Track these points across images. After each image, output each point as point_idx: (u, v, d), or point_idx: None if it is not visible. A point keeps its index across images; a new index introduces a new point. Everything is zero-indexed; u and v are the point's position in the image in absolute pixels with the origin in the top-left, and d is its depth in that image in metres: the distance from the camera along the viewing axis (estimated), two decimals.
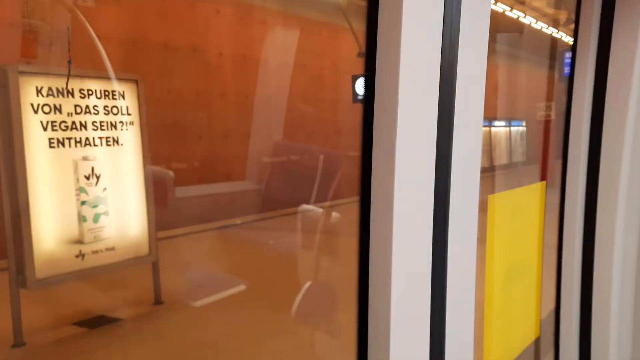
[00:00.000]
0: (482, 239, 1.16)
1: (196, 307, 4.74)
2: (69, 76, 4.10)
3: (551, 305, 2.11)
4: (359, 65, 9.37)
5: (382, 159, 0.91)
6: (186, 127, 8.44)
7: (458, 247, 1.05)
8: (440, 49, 0.95)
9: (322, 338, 4.23)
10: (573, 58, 1.94)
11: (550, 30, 11.10)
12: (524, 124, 12.07)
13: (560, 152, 2.26)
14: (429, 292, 1.00)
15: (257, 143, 9.07)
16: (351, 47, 9.62)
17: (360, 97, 8.68)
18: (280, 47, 9.91)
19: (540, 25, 11.04)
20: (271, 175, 9.11)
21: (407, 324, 0.96)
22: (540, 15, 10.95)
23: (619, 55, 1.87)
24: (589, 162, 1.98)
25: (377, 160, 0.93)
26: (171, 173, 7.46)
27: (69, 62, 4.16)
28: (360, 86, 8.67)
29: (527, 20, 10.76)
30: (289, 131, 9.88)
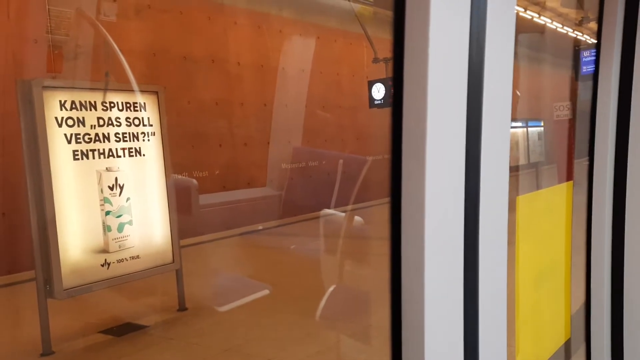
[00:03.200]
0: (510, 241, 1.16)
1: (220, 312, 4.78)
2: (106, 89, 4.19)
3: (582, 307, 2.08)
4: (375, 70, 9.39)
5: (412, 162, 0.91)
6: (207, 135, 8.53)
7: (489, 248, 1.04)
8: (467, 50, 0.95)
9: (346, 341, 4.22)
10: (597, 54, 1.90)
11: (566, 30, 10.99)
12: (541, 124, 11.92)
13: (579, 152, 2.23)
14: (461, 293, 1.00)
15: (276, 150, 9.12)
16: (367, 54, 9.65)
17: (377, 102, 8.64)
18: (297, 55, 9.97)
19: (555, 25, 10.95)
20: (291, 180, 9.15)
21: (440, 325, 0.96)
22: (555, 15, 10.86)
23: None
24: (616, 159, 1.93)
25: (407, 162, 0.92)
26: (195, 181, 7.55)
27: (107, 74, 4.26)
28: (376, 91, 8.64)
29: (542, 20, 10.67)
30: (308, 137, 9.92)
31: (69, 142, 3.98)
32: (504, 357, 1.13)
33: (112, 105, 4.25)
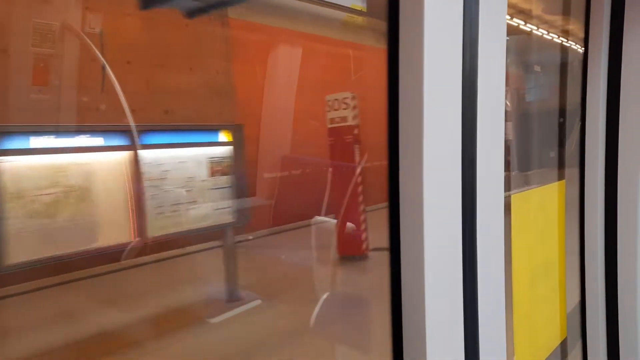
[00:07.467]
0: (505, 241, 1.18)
1: None
2: None
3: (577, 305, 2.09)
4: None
5: (409, 166, 0.92)
6: None
7: (486, 247, 1.05)
8: (461, 53, 0.95)
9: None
10: (585, 54, 1.92)
11: None
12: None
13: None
14: (461, 293, 1.01)
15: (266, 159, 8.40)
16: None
17: None
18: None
19: None
20: (280, 189, 8.59)
21: (441, 326, 0.96)
22: None
23: (633, 48, 1.85)
24: (607, 158, 1.97)
25: (405, 166, 0.93)
26: None
27: None
28: None
29: None
30: None
31: None
32: (504, 356, 1.14)
33: None
